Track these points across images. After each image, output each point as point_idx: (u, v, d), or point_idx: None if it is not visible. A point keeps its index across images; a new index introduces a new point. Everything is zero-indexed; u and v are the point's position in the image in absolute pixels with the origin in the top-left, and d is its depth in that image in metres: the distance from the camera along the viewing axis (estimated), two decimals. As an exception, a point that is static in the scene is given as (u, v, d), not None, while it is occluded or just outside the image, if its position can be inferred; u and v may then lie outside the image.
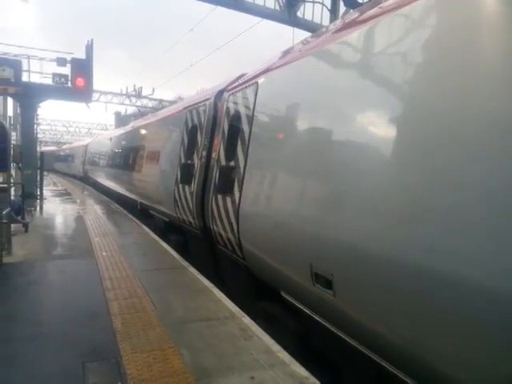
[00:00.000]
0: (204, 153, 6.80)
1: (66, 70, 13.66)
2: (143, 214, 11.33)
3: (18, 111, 15.91)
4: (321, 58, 4.00)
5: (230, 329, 3.96)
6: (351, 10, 5.37)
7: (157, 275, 5.81)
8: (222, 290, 5.28)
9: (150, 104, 33.58)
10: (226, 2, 11.83)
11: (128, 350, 3.42)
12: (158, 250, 7.56)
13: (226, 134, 5.99)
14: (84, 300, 4.64)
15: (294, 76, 4.50)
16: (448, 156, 2.34)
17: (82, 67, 13.35)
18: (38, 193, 13.96)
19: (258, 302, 4.96)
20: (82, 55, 13.75)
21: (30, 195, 11.66)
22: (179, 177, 7.82)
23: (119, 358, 3.27)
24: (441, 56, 2.58)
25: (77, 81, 13.22)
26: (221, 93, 6.73)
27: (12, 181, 8.70)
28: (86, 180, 26.70)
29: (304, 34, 11.59)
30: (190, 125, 7.90)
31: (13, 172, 10.39)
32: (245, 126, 5.30)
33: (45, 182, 16.32)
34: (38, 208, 12.56)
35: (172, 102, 28.43)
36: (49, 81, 13.90)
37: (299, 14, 12.90)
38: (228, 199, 5.32)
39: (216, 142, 6.35)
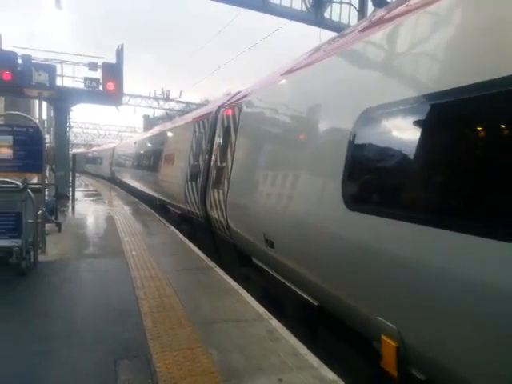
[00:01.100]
0: (206, 156, 8.41)
1: (98, 74, 14.04)
2: (161, 208, 13.09)
3: (52, 114, 16.46)
4: (277, 88, 5.79)
5: (258, 330, 3.96)
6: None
7: (184, 275, 5.89)
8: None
9: (178, 107, 34.08)
10: (253, 5, 11.88)
11: (158, 349, 3.48)
12: (185, 250, 7.66)
13: (221, 141, 7.59)
14: (115, 298, 4.76)
15: (260, 100, 6.33)
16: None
17: (113, 71, 13.66)
18: (70, 193, 14.38)
19: (240, 268, 6.52)
20: (111, 59, 14.10)
21: (63, 196, 12.02)
22: (188, 176, 9.54)
23: (149, 356, 3.34)
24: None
25: (107, 85, 13.53)
26: (220, 108, 8.29)
27: (46, 182, 8.99)
28: (113, 180, 28.82)
29: (331, 35, 11.49)
30: (197, 133, 9.65)
31: (46, 173, 10.74)
32: (232, 136, 6.90)
33: (76, 183, 16.79)
34: (70, 208, 12.95)
35: (199, 105, 28.76)
36: (81, 85, 14.32)
37: (326, 14, 12.82)
38: (220, 192, 6.91)
39: (214, 147, 7.99)
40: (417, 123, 2.84)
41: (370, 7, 11.88)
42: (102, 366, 3.18)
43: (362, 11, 12.32)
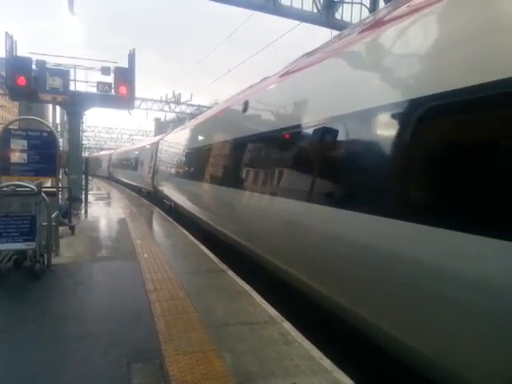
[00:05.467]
0: (154, 162, 18.56)
1: (110, 79, 14.18)
2: (140, 191, 23.23)
3: (65, 118, 16.68)
4: (171, 136, 17.66)
5: (271, 333, 3.93)
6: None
7: (196, 277, 5.89)
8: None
9: (189, 110, 34.27)
10: (264, 8, 11.91)
11: (171, 352, 3.47)
12: (196, 252, 7.65)
13: (158, 156, 18.25)
14: (128, 301, 4.77)
15: (165, 141, 17.81)
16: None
17: (125, 75, 13.79)
18: (83, 196, 14.53)
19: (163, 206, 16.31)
20: (122, 63, 14.22)
21: (76, 199, 12.14)
22: (148, 172, 20.22)
23: (162, 360, 3.32)
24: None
25: (120, 89, 13.66)
26: (160, 139, 19.01)
27: (60, 185, 9.07)
28: (110, 178, 37.47)
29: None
30: (152, 149, 20.02)
31: (60, 177, 10.84)
32: (160, 154, 17.96)
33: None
34: (83, 211, 13.08)
35: (209, 108, 29.03)
36: (93, 89, 14.48)
37: (338, 15, 12.78)
38: (156, 177, 17.97)
39: (156, 158, 18.51)
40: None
41: (382, 6, 11.79)
42: (116, 369, 3.17)
43: (373, 11, 12.23)
